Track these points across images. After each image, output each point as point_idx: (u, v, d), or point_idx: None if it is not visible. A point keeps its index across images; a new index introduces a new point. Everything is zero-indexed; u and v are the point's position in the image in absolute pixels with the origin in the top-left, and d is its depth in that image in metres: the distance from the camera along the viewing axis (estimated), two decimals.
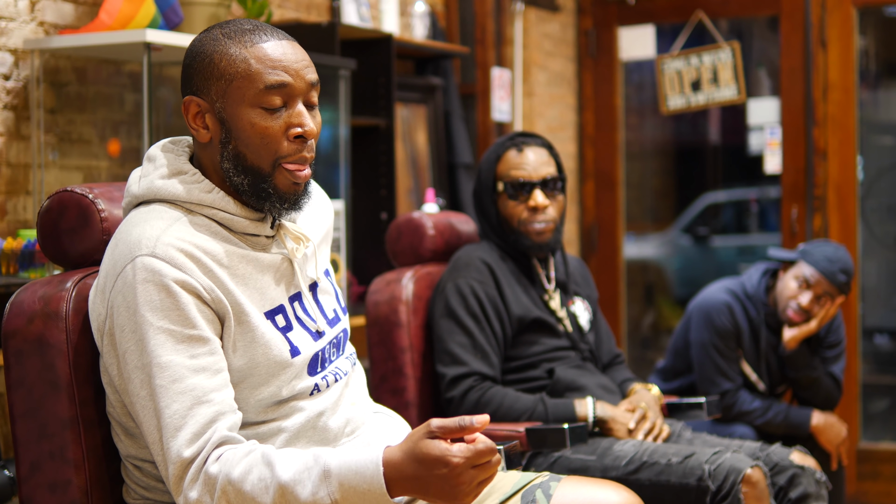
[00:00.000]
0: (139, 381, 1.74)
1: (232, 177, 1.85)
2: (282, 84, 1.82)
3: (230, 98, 1.82)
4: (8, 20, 3.04)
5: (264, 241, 1.90)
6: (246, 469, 1.69)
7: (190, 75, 1.86)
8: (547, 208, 2.96)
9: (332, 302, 2.01)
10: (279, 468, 1.69)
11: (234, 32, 1.85)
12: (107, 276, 1.80)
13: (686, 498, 2.64)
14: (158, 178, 1.86)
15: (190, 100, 1.85)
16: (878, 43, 5.81)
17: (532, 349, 2.93)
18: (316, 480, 1.68)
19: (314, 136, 1.86)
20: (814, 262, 3.65)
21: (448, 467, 1.65)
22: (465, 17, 5.01)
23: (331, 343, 1.96)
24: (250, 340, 1.82)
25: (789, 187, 5.24)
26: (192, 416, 1.72)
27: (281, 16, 3.98)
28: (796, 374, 3.75)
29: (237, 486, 1.69)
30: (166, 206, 1.84)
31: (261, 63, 1.82)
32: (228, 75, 1.82)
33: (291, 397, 1.87)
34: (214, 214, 1.85)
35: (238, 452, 1.72)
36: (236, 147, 1.83)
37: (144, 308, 1.74)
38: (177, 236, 1.78)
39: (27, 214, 3.11)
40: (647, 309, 7.03)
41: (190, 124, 1.86)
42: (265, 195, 1.85)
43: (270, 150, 1.83)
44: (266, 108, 1.82)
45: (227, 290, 1.80)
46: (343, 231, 3.82)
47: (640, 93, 6.79)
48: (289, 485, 1.68)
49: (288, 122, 1.84)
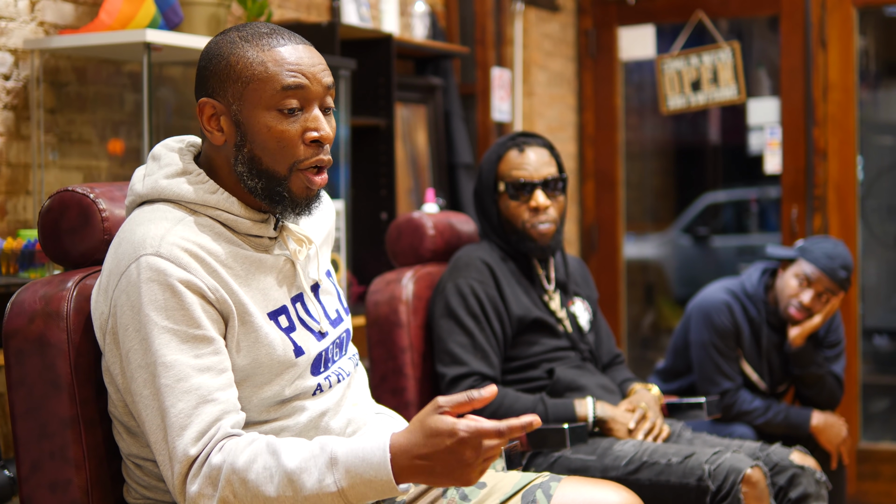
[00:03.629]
0: (143, 380, 1.74)
1: (246, 180, 1.84)
2: (298, 86, 1.82)
3: (247, 101, 1.82)
4: (8, 20, 3.04)
5: (267, 242, 1.90)
6: (250, 458, 1.69)
7: (206, 77, 1.86)
8: (548, 208, 2.96)
9: (334, 302, 2.02)
10: (284, 456, 1.69)
11: (252, 35, 1.84)
12: (110, 274, 1.80)
13: (686, 498, 2.64)
14: (163, 178, 1.86)
15: (205, 102, 1.85)
16: (878, 43, 5.81)
17: (532, 349, 2.93)
18: (322, 468, 1.67)
19: (330, 140, 1.86)
20: (814, 259, 3.64)
21: (453, 438, 1.64)
22: (465, 17, 5.01)
23: (334, 343, 1.97)
24: (254, 340, 1.82)
25: (789, 187, 5.24)
26: (198, 414, 1.72)
27: (281, 16, 3.98)
28: (802, 372, 3.75)
29: (241, 475, 1.68)
30: (170, 206, 1.84)
31: (278, 66, 1.82)
32: (245, 78, 1.82)
33: (294, 397, 1.87)
34: (218, 215, 1.85)
35: (241, 442, 1.72)
36: (251, 150, 1.83)
37: (149, 307, 1.74)
38: (181, 236, 1.78)
39: (27, 214, 3.11)
40: (647, 309, 7.03)
41: (204, 126, 1.86)
42: (279, 198, 1.85)
43: (287, 154, 1.83)
44: (282, 112, 1.82)
45: (231, 290, 1.80)
46: (343, 231, 3.82)
47: (640, 93, 6.80)
48: (294, 473, 1.67)
49: (304, 127, 1.83)
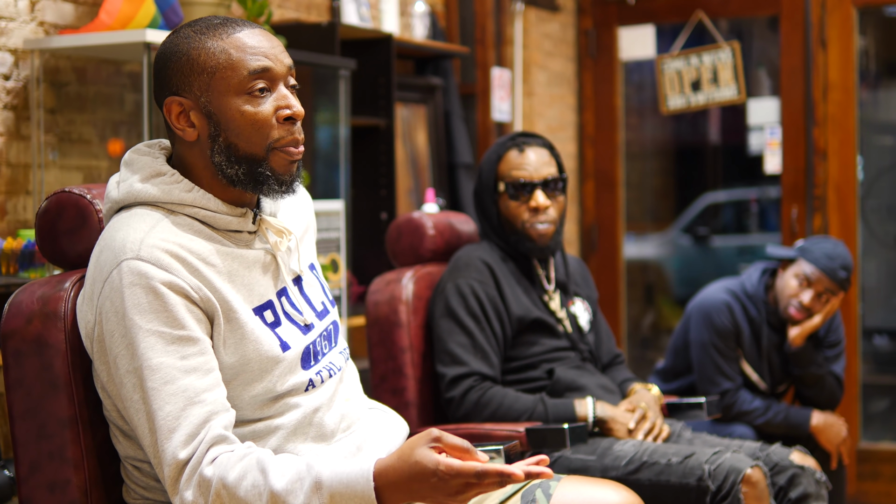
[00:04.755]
0: (131, 384, 1.74)
1: (225, 169, 1.85)
2: (264, 68, 1.84)
3: (215, 90, 1.83)
4: (8, 20, 3.03)
5: (247, 237, 1.90)
6: (241, 474, 1.69)
7: (167, 77, 1.86)
8: (548, 209, 2.95)
9: (319, 295, 2.02)
10: (272, 476, 1.69)
11: (206, 28, 1.86)
12: (94, 282, 1.80)
13: (686, 498, 2.64)
14: (137, 182, 1.86)
15: (171, 100, 1.85)
16: (878, 43, 5.81)
17: (532, 350, 2.93)
18: (308, 491, 1.67)
19: (301, 116, 1.87)
20: (813, 259, 3.64)
21: (436, 477, 1.64)
22: (465, 17, 5.01)
23: (321, 335, 1.97)
24: (240, 337, 1.82)
25: (789, 187, 5.24)
26: (186, 417, 1.71)
27: (281, 16, 3.98)
28: (802, 372, 3.75)
29: (231, 491, 1.69)
30: (147, 209, 1.84)
31: (240, 51, 1.83)
32: (210, 68, 1.83)
33: (286, 393, 1.87)
34: (196, 213, 1.85)
35: (234, 456, 1.71)
36: (227, 138, 1.84)
37: (133, 312, 1.74)
38: (161, 237, 1.78)
39: (27, 214, 3.11)
40: (647, 309, 7.03)
41: (174, 125, 1.86)
42: (262, 178, 1.85)
43: (262, 135, 1.84)
44: (252, 94, 1.83)
45: (215, 288, 1.80)
46: (343, 231, 3.81)
47: (640, 93, 6.80)
48: (281, 494, 1.67)
49: (276, 105, 1.85)
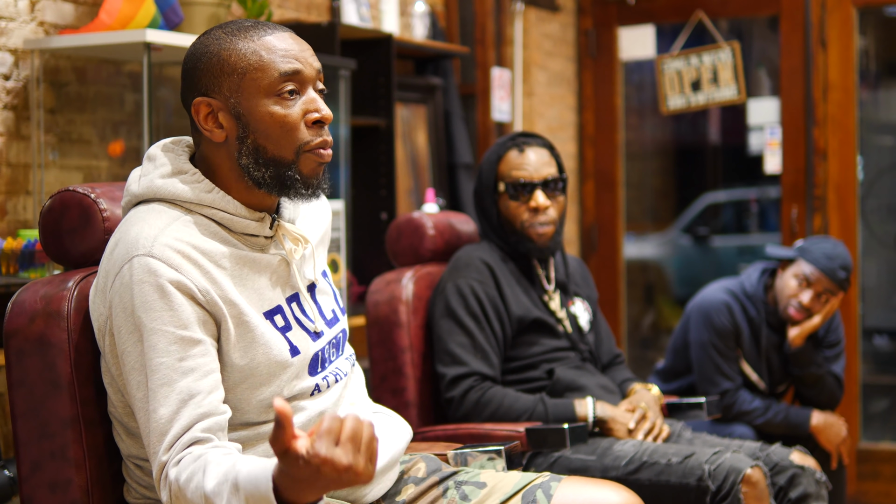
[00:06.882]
0: (136, 382, 1.75)
1: (252, 171, 1.85)
2: (295, 71, 1.84)
3: (245, 91, 1.83)
4: (8, 20, 3.04)
5: (262, 241, 1.90)
6: (189, 476, 1.68)
7: (196, 77, 1.86)
8: (548, 209, 2.96)
9: (330, 303, 2.01)
10: (207, 477, 1.66)
11: (237, 30, 1.86)
12: (106, 275, 1.81)
13: (686, 498, 2.64)
14: (158, 178, 1.86)
15: (200, 101, 1.85)
16: (878, 43, 5.81)
17: (532, 350, 2.93)
18: (229, 493, 1.63)
19: (329, 121, 1.87)
20: (813, 259, 3.64)
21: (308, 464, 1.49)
22: (465, 17, 5.01)
23: (330, 343, 1.97)
24: (250, 341, 1.82)
25: (789, 187, 5.24)
26: (177, 420, 1.72)
27: (281, 16, 3.98)
28: (801, 372, 3.75)
29: (182, 492, 1.68)
30: (166, 206, 1.84)
31: (271, 53, 1.83)
32: (241, 69, 1.83)
33: (292, 397, 1.87)
34: (213, 214, 1.85)
35: (191, 457, 1.70)
36: (255, 140, 1.84)
37: (140, 309, 1.74)
38: (175, 236, 1.78)
39: (27, 214, 3.11)
40: (647, 309, 7.03)
41: (202, 126, 1.85)
42: (289, 182, 1.85)
43: (292, 138, 1.84)
44: (282, 97, 1.83)
45: (224, 291, 1.80)
46: (343, 231, 3.81)
47: (640, 93, 6.80)
48: (210, 496, 1.65)
49: (305, 109, 1.85)
